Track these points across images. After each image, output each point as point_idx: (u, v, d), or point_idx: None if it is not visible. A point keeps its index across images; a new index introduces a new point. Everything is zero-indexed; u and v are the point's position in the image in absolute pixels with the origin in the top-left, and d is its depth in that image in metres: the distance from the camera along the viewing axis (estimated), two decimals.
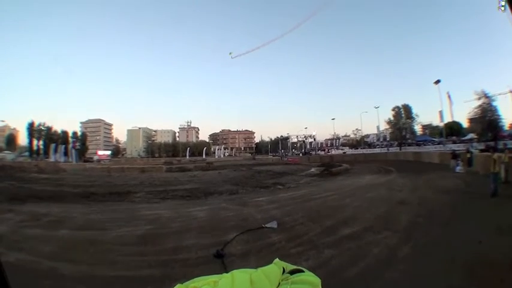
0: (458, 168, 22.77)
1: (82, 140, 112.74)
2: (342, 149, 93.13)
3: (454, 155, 25.36)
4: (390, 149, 65.49)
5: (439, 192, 14.09)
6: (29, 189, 21.66)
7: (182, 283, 3.27)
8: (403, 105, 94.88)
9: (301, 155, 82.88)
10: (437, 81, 58.41)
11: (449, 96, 60.20)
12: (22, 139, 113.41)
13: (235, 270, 3.69)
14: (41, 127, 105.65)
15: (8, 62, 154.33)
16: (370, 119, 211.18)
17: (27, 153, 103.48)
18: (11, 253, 7.67)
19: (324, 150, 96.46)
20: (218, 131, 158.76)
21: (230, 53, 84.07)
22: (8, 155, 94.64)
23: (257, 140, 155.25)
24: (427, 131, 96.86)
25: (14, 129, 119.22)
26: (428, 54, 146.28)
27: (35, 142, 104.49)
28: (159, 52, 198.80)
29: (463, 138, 69.76)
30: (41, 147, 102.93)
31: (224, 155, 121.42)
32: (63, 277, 6.27)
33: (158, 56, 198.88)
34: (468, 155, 24.10)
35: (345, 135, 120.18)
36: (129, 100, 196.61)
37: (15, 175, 35.05)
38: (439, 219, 9.43)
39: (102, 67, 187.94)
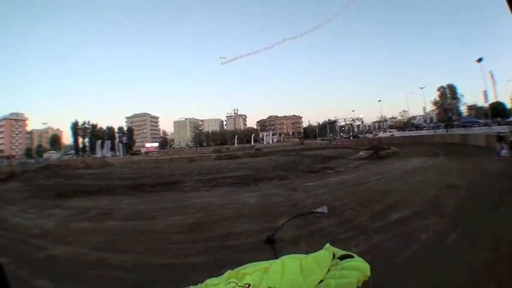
0: (504, 152, 21.43)
1: (128, 134, 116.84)
2: (389, 132, 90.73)
3: (499, 138, 23.88)
4: (437, 131, 62.89)
5: (486, 176, 13.45)
6: (75, 185, 22.74)
7: (232, 269, 3.11)
8: (448, 85, 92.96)
9: (351, 138, 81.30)
10: (480, 60, 55.41)
11: (492, 76, 56.95)
12: (67, 138, 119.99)
13: (285, 256, 3.49)
14: (86, 125, 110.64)
15: (48, 71, 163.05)
16: (416, 100, 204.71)
17: (72, 151, 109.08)
18: (58, 247, 8.07)
19: (372, 133, 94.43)
20: (265, 118, 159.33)
21: (222, 58, 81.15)
22: (53, 155, 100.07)
23: (305, 124, 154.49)
24: (472, 112, 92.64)
25: (58, 129, 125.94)
26: (471, 30, 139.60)
27: (80, 140, 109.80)
28: (199, 42, 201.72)
29: (508, 120, 65.77)
30: (87, 144, 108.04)
31: (273, 140, 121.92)
32: (110, 266, 6.47)
33: (199, 46, 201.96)
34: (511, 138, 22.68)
35: (392, 117, 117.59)
36: (175, 92, 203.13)
37: (61, 173, 37.13)
38: (486, 205, 8.92)
39: (144, 62, 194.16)
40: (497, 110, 73.89)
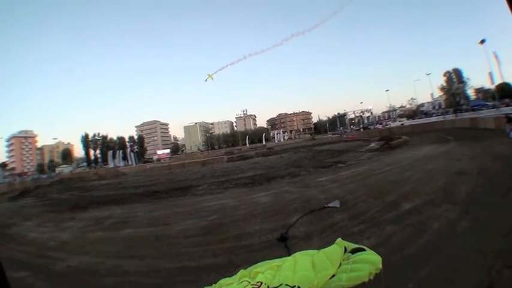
0: None
1: (139, 142, 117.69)
2: (399, 121, 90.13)
3: (509, 119, 23.53)
4: (446, 116, 62.36)
5: (497, 159, 13.26)
6: (90, 197, 23.03)
7: (245, 268, 3.15)
8: (453, 70, 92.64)
9: (361, 130, 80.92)
10: (483, 41, 54.75)
11: (496, 57, 56.20)
12: (78, 152, 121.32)
13: (297, 253, 3.56)
14: (96, 137, 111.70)
15: (54, 86, 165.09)
16: (423, 87, 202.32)
17: (84, 164, 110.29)
18: (75, 257, 8.23)
19: (382, 123, 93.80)
20: (275, 116, 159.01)
21: (208, 76, 79.86)
22: (66, 169, 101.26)
23: (315, 120, 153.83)
24: (480, 95, 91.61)
25: (68, 143, 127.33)
26: (471, 10, 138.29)
27: (91, 152, 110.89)
28: (205, 44, 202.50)
29: None
30: (99, 155, 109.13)
31: (284, 138, 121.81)
32: (126, 273, 6.61)
33: (205, 49, 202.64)
34: None
35: (401, 106, 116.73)
36: (182, 97, 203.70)
37: (75, 185, 37.64)
38: (498, 189, 8.81)
39: (149, 69, 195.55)
40: (504, 92, 72.90)
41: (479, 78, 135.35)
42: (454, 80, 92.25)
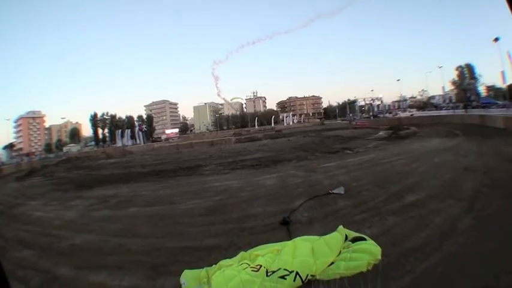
0: None
1: (148, 121, 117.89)
2: (409, 111, 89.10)
3: None
4: (456, 111, 61.56)
5: (503, 160, 12.86)
6: (96, 175, 23.23)
7: (246, 251, 3.35)
8: (466, 65, 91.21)
9: (373, 117, 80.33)
10: (496, 39, 53.44)
11: (509, 56, 54.90)
12: (86, 131, 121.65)
13: (297, 238, 3.73)
14: (105, 116, 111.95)
15: (62, 65, 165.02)
16: (434, 79, 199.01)
17: (92, 143, 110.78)
18: (79, 235, 8.36)
19: (392, 112, 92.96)
20: (285, 99, 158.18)
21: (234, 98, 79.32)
22: (73, 148, 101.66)
23: (325, 105, 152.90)
24: (491, 92, 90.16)
25: (77, 123, 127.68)
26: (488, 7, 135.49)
27: (100, 131, 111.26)
28: (213, 25, 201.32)
29: None
30: (107, 134, 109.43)
31: (293, 121, 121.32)
32: (129, 251, 6.70)
33: (213, 30, 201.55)
34: None
35: (412, 97, 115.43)
36: (193, 78, 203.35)
37: (82, 164, 37.91)
38: (503, 191, 8.62)
39: (160, 48, 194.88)
40: None
41: (491, 76, 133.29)
42: (466, 75, 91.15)
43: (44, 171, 35.04)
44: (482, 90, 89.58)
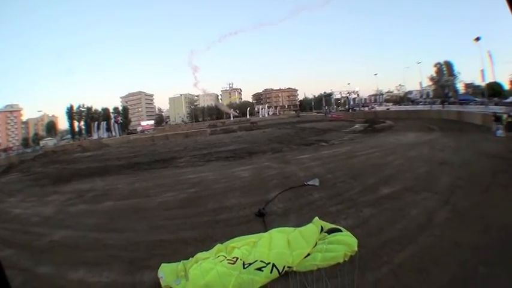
0: (499, 133, 21.26)
1: (124, 113, 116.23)
2: (386, 105, 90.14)
3: (497, 118, 23.74)
4: (433, 106, 62.61)
5: (480, 155, 13.08)
6: (73, 169, 22.84)
7: (222, 243, 3.37)
8: (445, 62, 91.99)
9: (350, 110, 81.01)
10: (478, 39, 54.59)
11: (490, 56, 56.26)
12: (63, 124, 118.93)
13: (273, 230, 3.78)
14: (81, 109, 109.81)
15: (39, 58, 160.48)
16: (412, 75, 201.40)
17: (69, 136, 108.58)
18: (57, 232, 8.27)
19: (368, 106, 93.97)
20: (261, 91, 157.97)
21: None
22: (50, 141, 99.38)
23: (300, 97, 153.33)
24: (469, 90, 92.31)
25: (53, 116, 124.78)
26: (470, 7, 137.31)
27: (76, 124, 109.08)
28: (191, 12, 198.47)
29: (505, 101, 65.68)
30: (83, 127, 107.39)
31: (268, 114, 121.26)
32: (106, 246, 6.71)
33: (192, 17, 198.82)
34: (509, 119, 22.52)
35: (388, 91, 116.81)
36: (169, 69, 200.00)
37: (58, 158, 37.08)
38: (478, 184, 8.82)
39: (135, 37, 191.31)
40: (494, 90, 73.56)
41: (471, 74, 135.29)
42: (445, 72, 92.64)
43: (21, 166, 34.28)
44: (460, 87, 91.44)
